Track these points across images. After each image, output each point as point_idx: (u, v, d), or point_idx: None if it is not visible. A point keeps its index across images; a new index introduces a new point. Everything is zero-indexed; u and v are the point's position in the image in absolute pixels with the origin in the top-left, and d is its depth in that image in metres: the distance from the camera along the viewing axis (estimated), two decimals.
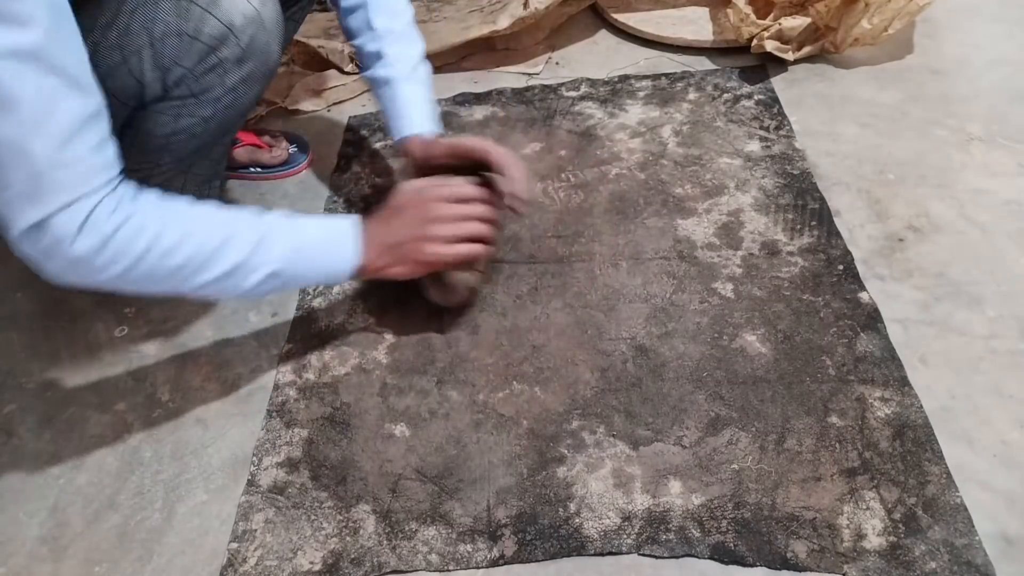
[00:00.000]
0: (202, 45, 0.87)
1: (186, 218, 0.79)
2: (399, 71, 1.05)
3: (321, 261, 0.89)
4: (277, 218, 0.86)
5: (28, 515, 0.93)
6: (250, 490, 0.91)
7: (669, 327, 1.00)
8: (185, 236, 0.78)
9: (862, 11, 1.34)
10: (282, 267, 0.84)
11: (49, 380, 1.08)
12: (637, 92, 1.42)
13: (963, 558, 0.75)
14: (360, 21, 1.07)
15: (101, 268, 0.75)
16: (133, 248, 0.75)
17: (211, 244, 0.79)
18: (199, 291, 0.82)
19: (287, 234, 0.85)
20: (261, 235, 0.83)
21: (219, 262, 0.80)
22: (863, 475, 0.82)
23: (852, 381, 0.91)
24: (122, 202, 0.74)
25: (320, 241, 0.89)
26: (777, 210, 1.14)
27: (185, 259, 0.78)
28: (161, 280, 0.79)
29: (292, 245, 0.85)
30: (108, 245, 0.73)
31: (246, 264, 0.81)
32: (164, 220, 0.77)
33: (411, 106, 1.05)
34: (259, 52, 0.92)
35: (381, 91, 1.07)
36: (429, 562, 0.82)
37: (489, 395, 0.96)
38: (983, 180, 1.16)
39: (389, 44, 1.05)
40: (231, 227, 0.82)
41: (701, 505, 0.83)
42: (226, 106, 0.95)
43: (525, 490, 0.86)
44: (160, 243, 0.76)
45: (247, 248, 0.81)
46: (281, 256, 0.84)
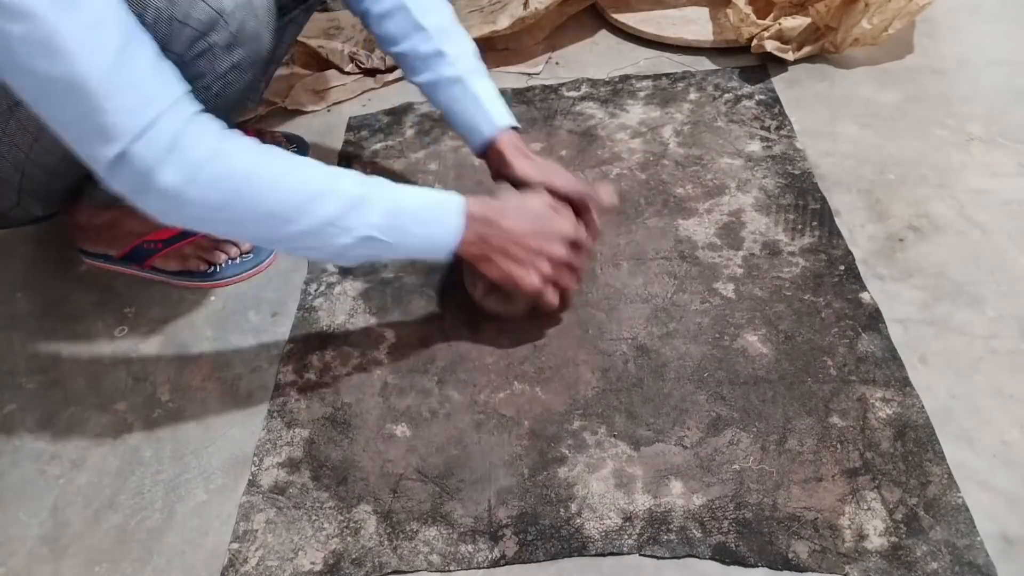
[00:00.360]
0: (191, 30, 0.86)
1: (282, 162, 0.78)
2: (466, 67, 1.01)
3: (423, 232, 0.86)
4: (381, 181, 0.84)
5: (28, 515, 0.93)
6: (251, 490, 0.91)
7: (670, 327, 1.00)
8: (281, 178, 0.76)
9: (862, 11, 1.34)
10: (380, 233, 0.82)
11: (49, 380, 1.08)
12: (638, 92, 1.42)
13: (965, 559, 0.75)
14: (403, 24, 1.01)
15: (195, 202, 0.72)
16: (227, 182, 0.73)
17: (309, 190, 0.77)
18: (294, 242, 0.80)
19: (390, 198, 0.83)
20: (362, 194, 0.80)
21: (315, 212, 0.78)
22: (864, 475, 0.82)
23: (853, 381, 0.91)
24: (210, 131, 0.73)
25: (425, 212, 0.86)
26: (778, 210, 1.14)
27: (280, 203, 0.76)
28: (253, 222, 0.77)
29: (394, 209, 0.83)
30: (200, 175, 0.71)
31: (342, 221, 0.79)
32: (259, 157, 0.75)
33: (491, 102, 1.01)
34: (249, 39, 0.91)
35: (450, 92, 1.01)
36: (430, 562, 0.82)
37: (490, 395, 0.96)
38: (983, 180, 1.16)
39: (446, 41, 1.00)
40: (330, 180, 0.80)
41: (702, 505, 0.82)
42: (216, 94, 0.93)
43: (526, 490, 0.86)
44: (255, 180, 0.74)
45: (344, 204, 0.79)
46: (381, 220, 0.81)
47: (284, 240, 0.80)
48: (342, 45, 1.57)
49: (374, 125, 1.46)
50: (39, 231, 1.30)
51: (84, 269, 1.23)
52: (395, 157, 1.38)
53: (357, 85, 1.56)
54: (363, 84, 1.56)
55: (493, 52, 1.59)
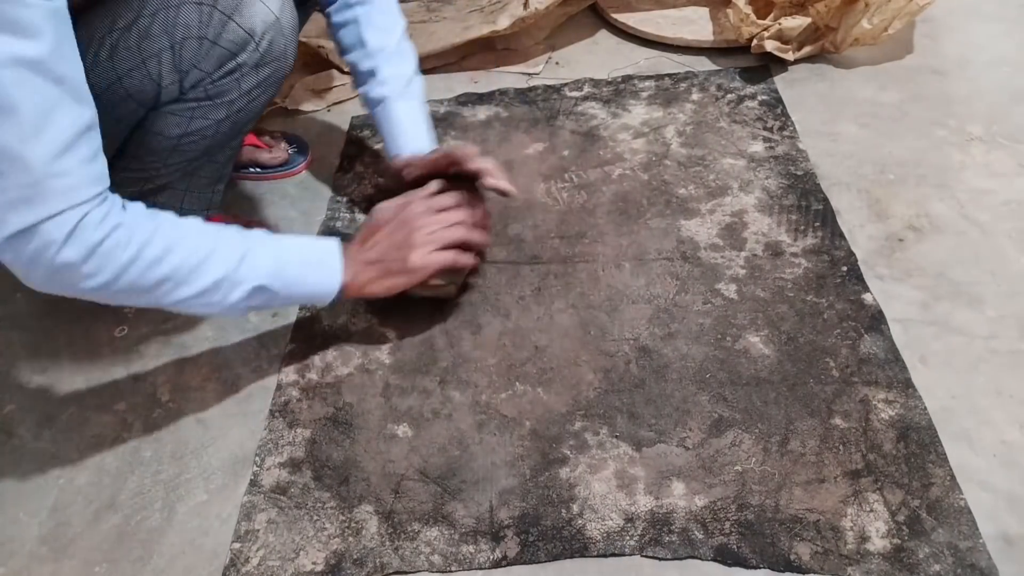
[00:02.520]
0: (222, 50, 0.88)
1: (172, 231, 0.80)
2: (393, 89, 1.08)
3: (306, 278, 0.90)
4: (260, 235, 0.88)
5: (28, 515, 0.92)
6: (253, 490, 0.91)
7: (672, 328, 1.00)
8: (171, 247, 0.79)
9: (862, 11, 1.34)
10: (267, 282, 0.85)
11: (49, 380, 1.07)
12: (640, 92, 1.42)
13: (967, 561, 0.75)
14: (352, 37, 1.09)
15: (86, 276, 0.75)
16: (119, 258, 0.75)
17: (197, 256, 0.80)
18: (181, 305, 0.82)
19: (271, 250, 0.87)
20: (245, 250, 0.84)
21: (204, 275, 0.81)
22: (867, 477, 0.82)
23: (856, 383, 0.91)
24: (111, 212, 0.75)
25: (304, 258, 0.90)
26: (781, 211, 1.14)
27: (171, 271, 0.79)
28: (144, 292, 0.80)
29: (276, 261, 0.86)
30: (95, 254, 0.74)
31: (230, 278, 0.83)
32: (151, 232, 0.78)
33: (405, 125, 1.08)
34: (277, 57, 0.93)
35: (376, 110, 1.10)
36: (432, 563, 0.82)
37: (492, 396, 0.96)
38: (983, 180, 1.16)
39: (382, 62, 1.08)
40: (216, 241, 0.83)
41: (704, 507, 0.83)
42: (239, 109, 0.95)
43: (528, 491, 0.86)
44: (146, 254, 0.77)
45: (232, 262, 0.83)
46: (265, 271, 0.85)
47: (178, 301, 0.82)
48: None
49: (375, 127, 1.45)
50: None
51: None
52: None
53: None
54: None
55: (493, 52, 1.59)
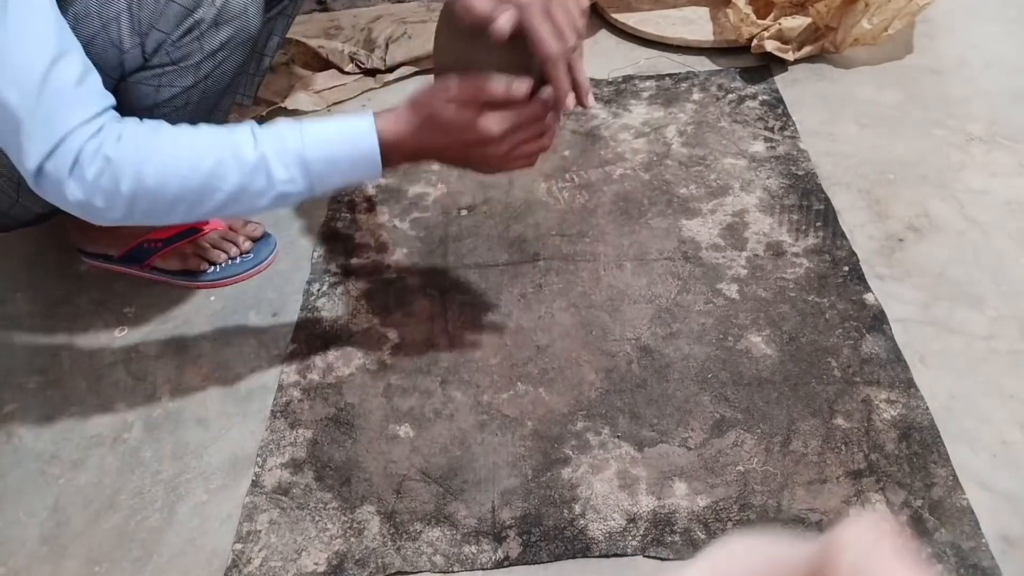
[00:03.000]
0: (177, 6, 0.87)
1: (168, 149, 0.76)
2: None
3: (339, 170, 0.80)
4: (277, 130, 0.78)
5: (28, 515, 0.92)
6: (254, 491, 0.90)
7: (674, 328, 1.00)
8: (168, 170, 0.75)
9: (862, 11, 1.35)
10: (293, 186, 0.78)
11: (49, 380, 1.07)
12: (641, 92, 1.42)
13: (969, 561, 0.75)
14: None
15: (104, 210, 0.74)
16: (120, 191, 0.74)
17: (200, 174, 0.76)
18: (220, 214, 0.80)
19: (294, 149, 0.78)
20: (260, 155, 0.76)
21: (216, 191, 0.76)
22: (869, 477, 0.82)
23: (858, 383, 0.91)
24: (104, 143, 0.73)
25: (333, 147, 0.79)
26: (782, 211, 1.14)
27: (178, 192, 0.76)
28: (168, 213, 0.78)
29: (299, 160, 0.78)
30: (96, 189, 0.73)
31: (249, 189, 0.77)
32: (144, 156, 0.74)
33: None
34: (235, 15, 0.91)
35: None
36: (434, 563, 0.82)
37: (493, 396, 0.96)
38: (983, 180, 1.16)
39: None
40: (221, 151, 0.76)
41: (706, 507, 0.83)
42: (206, 75, 0.93)
43: (530, 491, 0.86)
44: (144, 183, 0.74)
45: (244, 173, 0.76)
46: (290, 174, 0.78)
47: (208, 214, 0.80)
48: (342, 45, 1.57)
49: None
50: (39, 231, 1.29)
51: (84, 269, 1.22)
52: None
53: (357, 85, 1.55)
54: (363, 84, 1.55)
55: None
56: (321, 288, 1.14)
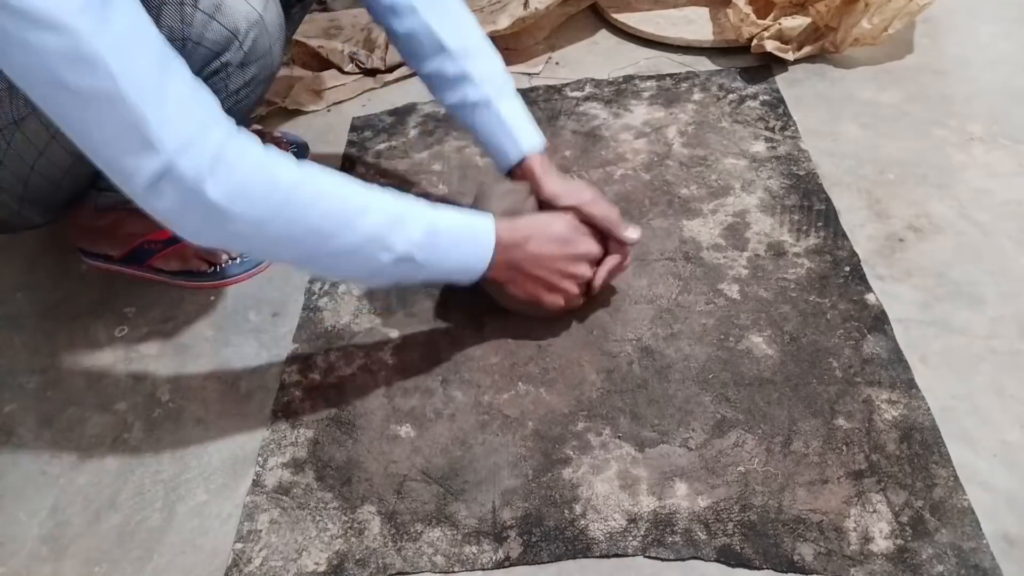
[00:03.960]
0: (205, 50, 0.87)
1: (323, 177, 0.76)
2: (491, 89, 0.98)
3: (456, 254, 0.85)
4: (416, 200, 0.82)
5: (28, 515, 0.92)
6: (255, 490, 0.90)
7: (675, 328, 1.00)
8: (324, 193, 0.74)
9: (862, 11, 1.35)
10: (417, 252, 0.80)
11: (49, 380, 1.07)
12: (642, 92, 1.42)
13: (971, 561, 0.75)
14: (427, 45, 0.97)
15: (236, 218, 0.70)
16: (268, 198, 0.71)
17: (350, 207, 0.76)
18: (334, 261, 0.78)
19: (427, 217, 0.81)
20: (401, 211, 0.79)
21: (357, 228, 0.76)
22: (870, 478, 0.82)
23: (859, 383, 0.91)
24: (250, 147, 0.70)
25: (459, 233, 0.85)
26: (783, 211, 1.14)
27: (323, 218, 0.74)
28: (298, 240, 0.75)
29: (431, 230, 0.81)
30: (245, 188, 0.69)
31: (383, 238, 0.77)
32: (302, 173, 0.73)
33: (517, 123, 0.99)
34: (261, 56, 0.92)
35: (476, 114, 0.99)
36: (434, 563, 0.82)
37: (494, 396, 0.96)
38: (983, 180, 1.16)
39: (471, 63, 0.97)
40: (371, 196, 0.78)
41: (707, 507, 0.82)
42: (228, 109, 0.93)
43: (531, 491, 0.86)
44: (299, 195, 0.72)
45: (386, 220, 0.78)
46: (419, 239, 0.80)
47: (325, 257, 0.78)
48: (342, 45, 1.57)
49: (377, 125, 1.45)
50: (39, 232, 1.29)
51: (84, 269, 1.22)
52: (399, 158, 1.37)
53: (357, 85, 1.55)
54: (363, 84, 1.55)
55: None
56: (323, 287, 1.13)
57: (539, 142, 1.00)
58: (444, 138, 1.39)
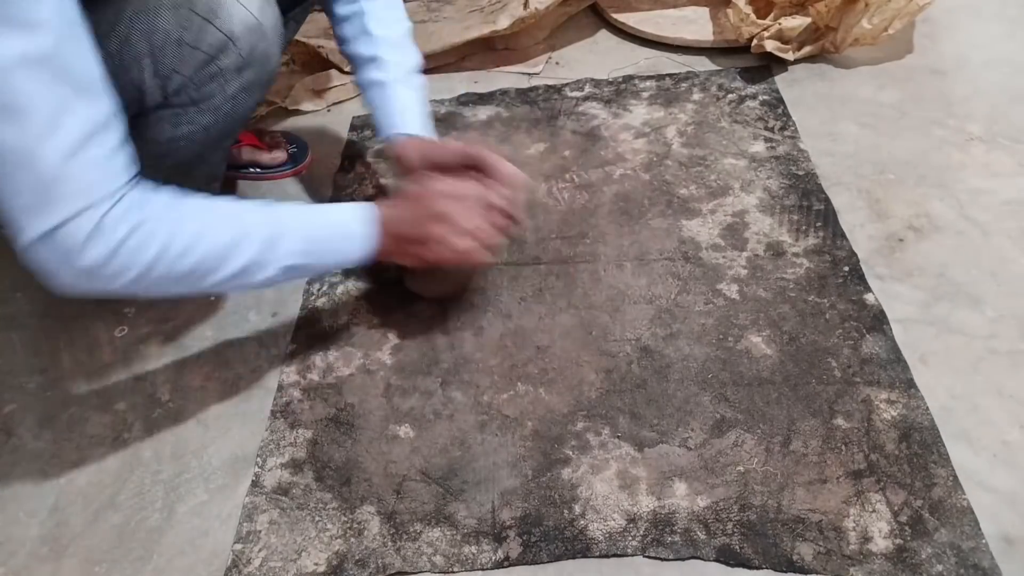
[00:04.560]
0: (202, 54, 0.87)
1: (196, 220, 0.78)
2: (394, 75, 1.05)
3: (335, 252, 0.87)
4: (289, 211, 0.84)
5: (28, 515, 0.92)
6: (254, 491, 0.90)
7: (674, 328, 1.00)
8: (196, 239, 0.76)
9: (862, 11, 1.35)
10: (295, 261, 0.83)
11: (49, 380, 1.07)
12: (641, 92, 1.42)
13: (970, 561, 0.75)
14: (356, 28, 1.07)
15: (112, 276, 0.73)
16: (143, 255, 0.73)
17: (222, 244, 0.78)
18: (213, 289, 0.80)
19: (300, 227, 0.84)
20: (272, 231, 0.81)
21: (231, 262, 0.79)
22: (869, 477, 0.82)
23: (858, 383, 0.91)
24: (131, 208, 0.72)
25: (334, 233, 0.87)
26: (782, 211, 1.14)
27: (196, 262, 0.76)
28: (174, 283, 0.77)
29: (305, 238, 0.84)
30: (118, 253, 0.71)
31: (258, 262, 0.80)
32: (174, 224, 0.75)
33: (405, 108, 1.05)
34: (259, 60, 0.92)
35: (374, 92, 1.07)
36: (434, 564, 0.82)
37: (494, 396, 0.96)
38: (983, 180, 1.16)
39: (385, 50, 1.05)
40: (242, 225, 0.80)
41: (706, 507, 0.82)
42: (226, 114, 0.95)
43: (530, 492, 0.86)
44: (171, 249, 0.74)
45: (258, 245, 0.80)
46: (294, 250, 0.82)
47: (208, 288, 0.80)
48: None
49: None
50: None
51: None
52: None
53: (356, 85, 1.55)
54: None
55: (493, 52, 1.59)
56: (321, 288, 1.13)
57: (416, 131, 1.05)
58: (442, 138, 1.38)
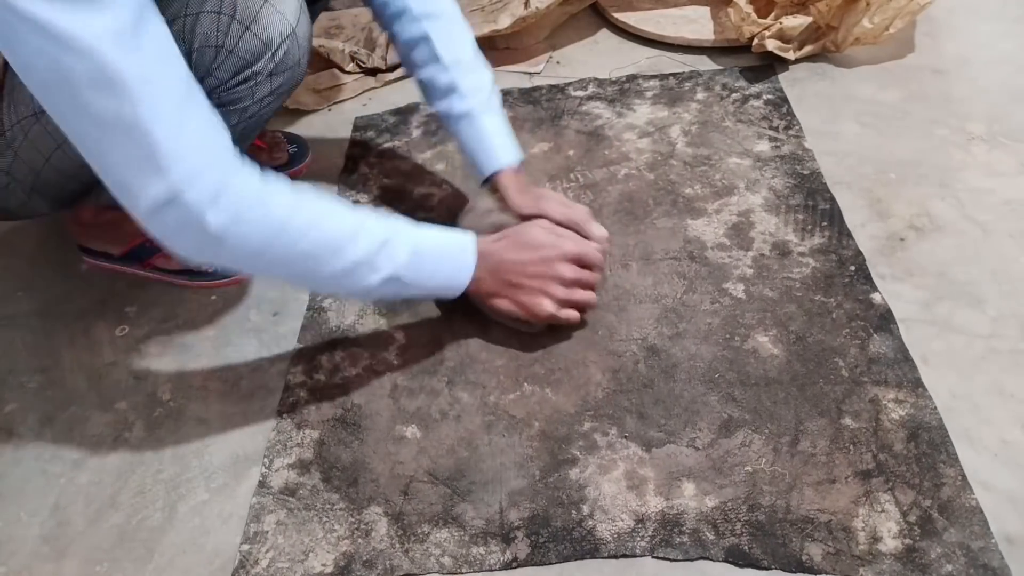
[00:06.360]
0: (238, 59, 0.88)
1: (317, 205, 0.80)
2: (477, 102, 1.03)
3: (440, 271, 0.91)
4: (401, 222, 0.87)
5: (29, 514, 0.92)
6: (261, 491, 0.90)
7: (680, 328, 1.00)
8: (316, 221, 0.78)
9: (863, 10, 1.35)
10: (404, 271, 0.85)
11: (50, 379, 1.07)
12: (645, 92, 1.42)
13: (979, 561, 0.75)
14: (425, 53, 1.04)
15: (234, 245, 0.74)
16: (267, 225, 0.75)
17: (341, 234, 0.80)
18: (325, 283, 0.83)
19: (411, 238, 0.86)
20: (388, 235, 0.84)
21: (347, 254, 0.80)
22: (878, 477, 0.82)
23: (865, 383, 0.91)
24: (252, 179, 0.74)
25: (441, 251, 0.90)
26: (788, 210, 1.14)
27: (315, 245, 0.78)
28: (291, 263, 0.79)
29: (415, 250, 0.86)
30: (242, 220, 0.73)
31: (371, 261, 0.82)
32: (295, 203, 0.77)
33: (495, 138, 1.04)
34: (291, 66, 0.93)
35: (460, 125, 1.04)
36: (442, 565, 0.81)
37: (500, 396, 0.96)
38: (984, 179, 1.16)
39: (461, 75, 1.03)
40: (359, 222, 0.82)
41: (715, 507, 0.82)
42: (251, 116, 0.95)
43: (537, 492, 0.86)
44: (293, 224, 0.76)
45: (374, 245, 0.82)
46: (404, 260, 0.85)
47: (317, 280, 0.83)
48: (343, 44, 1.56)
49: (380, 125, 1.45)
50: (40, 230, 1.29)
51: (85, 268, 1.21)
52: (401, 157, 1.37)
53: (358, 84, 1.55)
54: (364, 83, 1.55)
55: (494, 51, 1.59)
56: None
57: (513, 159, 1.05)
58: (447, 138, 1.38)
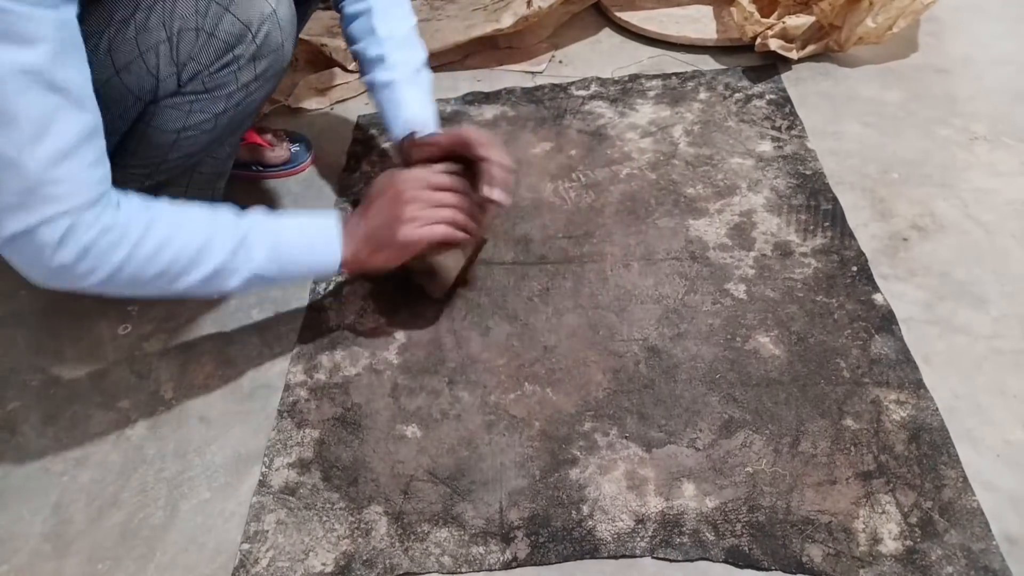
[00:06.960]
0: (219, 42, 0.88)
1: (166, 224, 0.80)
2: (400, 74, 1.06)
3: (303, 259, 0.90)
4: (258, 219, 0.87)
5: (31, 512, 0.92)
6: (261, 491, 0.90)
7: (681, 328, 1.00)
8: (165, 243, 0.79)
9: (866, 10, 1.34)
10: (263, 269, 0.86)
11: (53, 377, 1.07)
12: (647, 91, 1.42)
13: (980, 563, 0.75)
14: (363, 27, 1.07)
15: (83, 276, 0.76)
16: (113, 256, 0.76)
17: (191, 249, 0.81)
18: (182, 293, 0.83)
19: (268, 235, 0.87)
20: (241, 238, 0.84)
21: (200, 267, 0.82)
22: (879, 478, 0.82)
23: (867, 383, 0.91)
24: (104, 213, 0.75)
25: (301, 241, 0.90)
26: (790, 211, 1.14)
27: (165, 265, 0.80)
28: (144, 284, 0.80)
29: (273, 245, 0.87)
30: (88, 254, 0.75)
31: (227, 267, 0.83)
32: (144, 228, 0.78)
33: (411, 107, 1.05)
34: (273, 50, 0.93)
35: (382, 94, 1.07)
36: (442, 564, 0.81)
37: (501, 396, 0.96)
38: (987, 179, 1.16)
39: (391, 49, 1.06)
40: (211, 231, 0.83)
41: (715, 508, 0.82)
42: (237, 103, 0.95)
43: (538, 492, 0.86)
44: (140, 251, 0.78)
45: (227, 251, 0.83)
46: (263, 257, 0.85)
47: (176, 293, 0.83)
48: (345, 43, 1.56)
49: (382, 124, 1.43)
50: None
51: None
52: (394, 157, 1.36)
53: (360, 83, 1.54)
54: None
55: (496, 50, 1.59)
56: (327, 287, 1.13)
57: (428, 129, 1.04)
58: None
